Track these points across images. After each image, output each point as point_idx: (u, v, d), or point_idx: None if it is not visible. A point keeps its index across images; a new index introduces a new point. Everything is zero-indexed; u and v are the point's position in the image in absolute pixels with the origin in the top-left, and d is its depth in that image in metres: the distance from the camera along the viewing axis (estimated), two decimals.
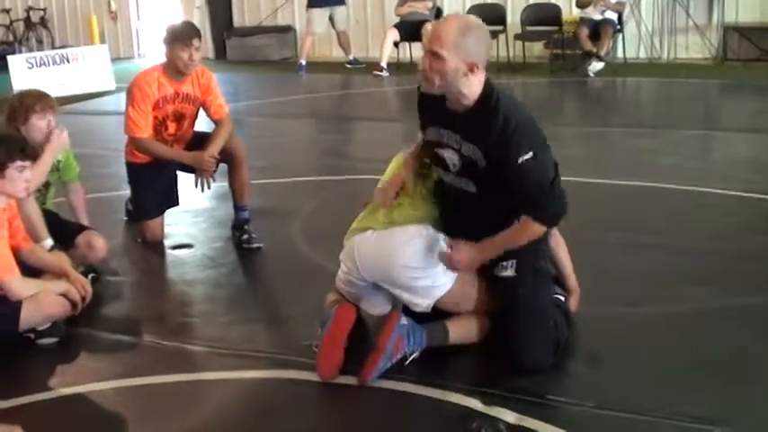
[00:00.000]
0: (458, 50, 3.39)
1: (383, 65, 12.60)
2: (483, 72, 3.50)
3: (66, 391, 3.54)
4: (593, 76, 11.65)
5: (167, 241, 5.39)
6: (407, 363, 3.53)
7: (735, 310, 4.10)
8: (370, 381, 3.44)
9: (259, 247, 5.21)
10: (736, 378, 3.46)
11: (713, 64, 12.43)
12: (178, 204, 5.61)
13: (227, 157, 5.28)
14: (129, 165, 5.45)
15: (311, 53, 13.65)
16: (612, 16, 11.92)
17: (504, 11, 12.89)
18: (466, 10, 12.79)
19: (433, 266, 3.60)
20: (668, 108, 10.07)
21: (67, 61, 12.10)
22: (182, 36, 5.07)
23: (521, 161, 3.38)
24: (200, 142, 5.29)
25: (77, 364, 3.86)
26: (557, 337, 3.58)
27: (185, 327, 4.21)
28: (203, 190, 5.26)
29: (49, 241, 4.44)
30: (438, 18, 12.81)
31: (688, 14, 12.55)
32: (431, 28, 3.51)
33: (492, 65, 4.12)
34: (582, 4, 12.02)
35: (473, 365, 3.62)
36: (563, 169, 3.57)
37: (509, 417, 3.17)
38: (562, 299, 3.85)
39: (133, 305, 4.60)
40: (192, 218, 5.87)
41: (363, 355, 3.50)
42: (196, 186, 5.25)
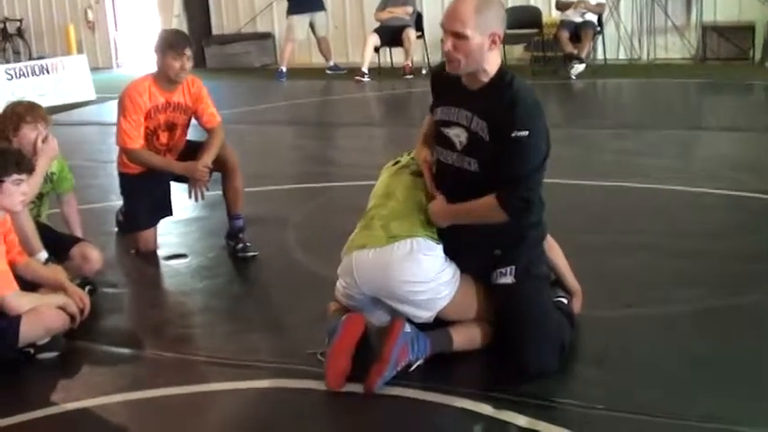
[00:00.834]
0: (479, 26, 3.41)
1: (364, 70, 12.60)
2: (500, 47, 3.53)
3: (70, 406, 3.50)
4: (574, 78, 11.69)
5: (161, 252, 5.36)
6: (412, 369, 3.52)
7: (731, 309, 4.11)
8: (376, 390, 3.42)
9: (254, 256, 5.18)
10: (737, 377, 3.46)
11: (693, 64, 12.52)
12: (171, 215, 5.58)
13: (220, 165, 5.25)
14: (121, 175, 5.41)
15: (291, 60, 13.65)
16: (592, 18, 11.96)
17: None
18: None
19: (433, 279, 3.59)
20: (650, 108, 10.11)
21: (47, 72, 12.02)
22: (174, 45, 5.03)
23: (514, 135, 3.38)
24: (193, 151, 5.26)
25: (79, 378, 3.83)
26: (561, 339, 3.58)
27: (185, 338, 4.19)
28: (197, 200, 5.24)
29: (44, 254, 4.40)
30: (419, 23, 12.87)
31: (667, 15, 12.62)
32: (447, 8, 3.48)
33: None
34: (562, 6, 12.08)
35: (480, 370, 3.62)
36: (548, 171, 3.56)
37: (521, 420, 3.16)
38: (565, 301, 3.86)
39: (131, 317, 4.58)
40: (185, 227, 5.84)
41: (368, 362, 3.48)
42: (190, 197, 5.22)
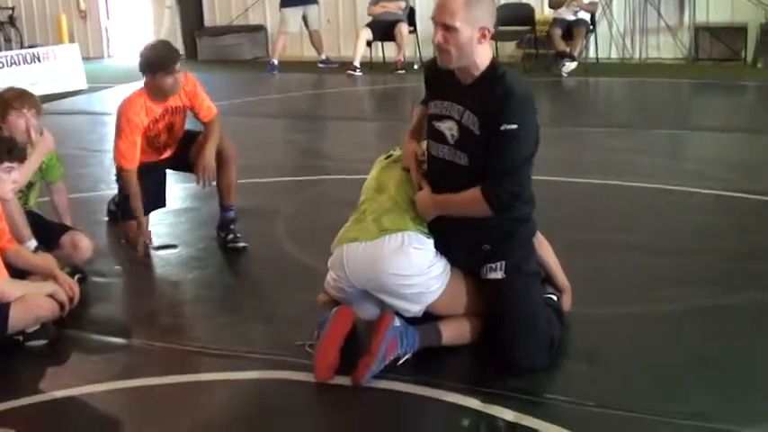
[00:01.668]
0: (468, 19, 3.42)
1: (356, 64, 12.57)
2: (490, 41, 3.55)
3: (59, 393, 3.50)
4: (566, 75, 11.69)
5: None
6: (400, 363, 3.52)
7: (721, 308, 4.13)
8: (364, 382, 3.43)
9: (244, 247, 5.18)
10: (729, 375, 3.48)
11: (685, 64, 12.53)
12: (165, 206, 5.56)
13: (216, 156, 5.24)
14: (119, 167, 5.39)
15: (282, 53, 13.61)
16: (585, 16, 11.96)
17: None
18: None
19: (423, 273, 3.59)
20: (641, 108, 10.11)
21: (38, 60, 11.95)
22: (163, 64, 4.94)
23: (503, 128, 3.38)
24: (192, 140, 5.29)
25: (68, 366, 3.83)
26: (551, 336, 3.59)
27: (176, 328, 4.19)
28: (204, 186, 5.22)
29: (33, 242, 4.39)
30: (411, 18, 12.86)
31: (659, 15, 12.62)
32: (437, 1, 3.50)
33: None
34: (555, 4, 12.08)
35: (469, 365, 3.62)
36: (539, 169, 3.57)
37: (508, 415, 3.17)
38: (555, 298, 3.87)
39: (122, 306, 4.58)
40: (175, 218, 5.83)
41: (356, 355, 3.49)
42: (198, 182, 5.22)
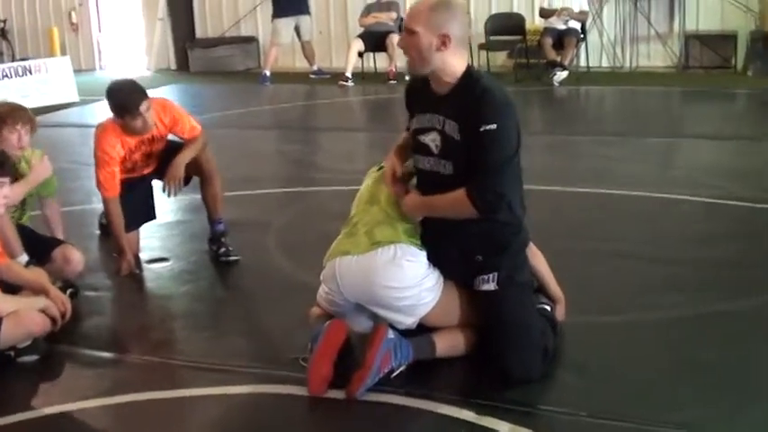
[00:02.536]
0: (428, 24, 3.47)
1: (348, 75, 12.60)
2: (462, 50, 3.57)
3: (50, 410, 3.47)
4: (557, 85, 11.72)
5: (142, 255, 5.31)
6: (394, 375, 3.51)
7: (713, 316, 4.13)
8: (358, 396, 3.42)
9: (236, 260, 5.17)
10: (720, 383, 3.48)
11: (675, 72, 12.57)
12: (155, 218, 5.55)
13: (197, 170, 5.26)
14: None
15: (274, 64, 13.63)
16: (576, 26, 12.00)
17: (468, 20, 12.91)
18: None
19: (416, 285, 3.59)
20: (633, 116, 10.15)
21: (30, 73, 11.93)
22: (128, 108, 4.87)
23: (483, 129, 3.39)
24: (173, 152, 5.25)
25: (60, 382, 3.81)
26: (544, 346, 3.59)
27: (168, 342, 4.18)
28: (170, 195, 5.21)
29: (24, 257, 4.38)
30: (402, 29, 12.85)
31: (650, 23, 12.68)
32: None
33: None
34: (545, 13, 12.12)
35: (463, 376, 3.61)
36: (531, 178, 3.57)
37: (503, 427, 3.16)
38: (548, 308, 3.87)
39: (113, 321, 4.56)
40: (167, 231, 5.82)
41: (350, 368, 3.47)
42: (164, 191, 5.21)
